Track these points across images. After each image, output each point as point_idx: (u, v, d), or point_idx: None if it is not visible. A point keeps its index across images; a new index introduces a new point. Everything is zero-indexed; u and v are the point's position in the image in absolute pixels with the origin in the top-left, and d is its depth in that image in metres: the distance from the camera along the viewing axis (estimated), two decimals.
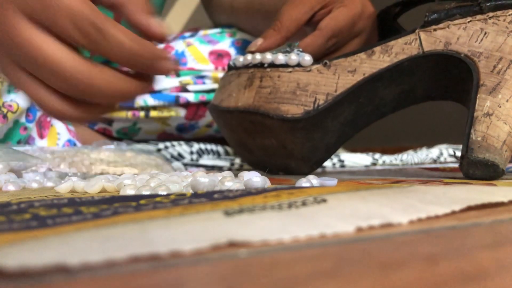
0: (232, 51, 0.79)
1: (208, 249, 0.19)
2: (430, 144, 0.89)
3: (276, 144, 0.52)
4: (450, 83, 0.50)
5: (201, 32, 0.82)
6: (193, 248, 0.19)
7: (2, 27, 0.37)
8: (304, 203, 0.26)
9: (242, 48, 0.79)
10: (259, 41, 0.56)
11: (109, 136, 0.81)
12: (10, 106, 0.62)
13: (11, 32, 0.37)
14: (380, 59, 0.49)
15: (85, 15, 0.37)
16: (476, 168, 0.43)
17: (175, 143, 0.72)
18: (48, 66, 0.37)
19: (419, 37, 0.48)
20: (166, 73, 0.40)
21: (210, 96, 0.77)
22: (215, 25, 0.86)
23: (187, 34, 0.84)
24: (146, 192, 0.35)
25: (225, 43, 0.80)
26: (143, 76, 0.40)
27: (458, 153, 0.46)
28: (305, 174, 0.42)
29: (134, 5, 0.41)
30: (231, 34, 0.82)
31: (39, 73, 0.38)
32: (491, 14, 0.46)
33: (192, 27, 0.87)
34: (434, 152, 0.83)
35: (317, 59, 0.54)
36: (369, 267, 0.17)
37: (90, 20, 0.37)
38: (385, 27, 0.61)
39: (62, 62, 0.37)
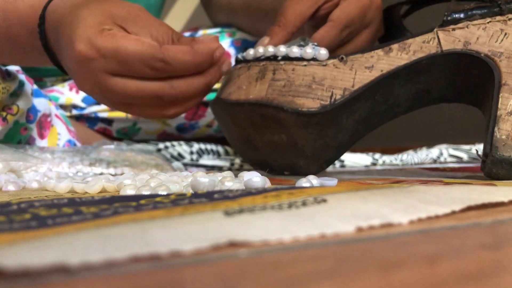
0: (232, 51, 0.79)
1: (208, 249, 0.19)
2: (430, 144, 0.89)
3: (285, 140, 0.52)
4: (467, 84, 0.50)
5: (201, 32, 0.82)
6: (193, 248, 0.19)
7: (98, 83, 0.49)
8: (304, 203, 0.26)
9: (242, 47, 0.79)
10: (265, 40, 0.56)
11: (109, 136, 0.81)
12: (10, 109, 0.62)
13: (103, 85, 0.49)
14: (398, 56, 0.49)
15: (151, 54, 0.48)
16: (500, 167, 0.43)
17: (175, 143, 0.72)
18: (136, 95, 0.49)
19: (438, 36, 0.48)
20: (218, 57, 0.51)
21: (210, 96, 0.77)
22: (215, 25, 0.86)
23: (187, 33, 0.84)
24: (146, 192, 0.35)
25: (225, 43, 0.80)
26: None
27: (480, 152, 0.46)
28: (312, 174, 0.42)
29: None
30: (231, 34, 0.82)
31: (134, 101, 0.50)
32: (510, 15, 0.47)
33: (192, 27, 0.87)
34: (434, 152, 0.83)
35: (330, 52, 0.53)
36: (369, 267, 0.17)
37: (155, 57, 0.48)
38: (389, 25, 0.61)
39: (143, 89, 0.49)
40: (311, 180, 0.37)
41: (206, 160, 0.71)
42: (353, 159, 0.76)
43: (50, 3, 0.53)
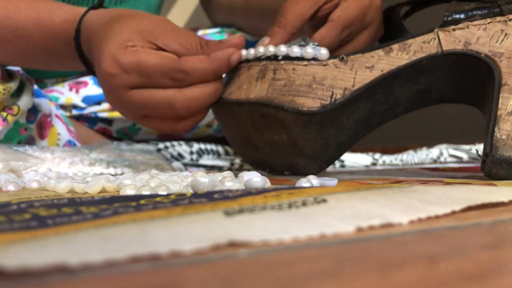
0: None
1: (208, 249, 0.19)
2: (430, 144, 0.89)
3: (286, 140, 0.52)
4: (467, 84, 0.50)
5: (201, 32, 0.82)
6: (193, 248, 0.19)
7: (119, 97, 0.52)
8: (304, 203, 0.26)
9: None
10: (266, 40, 0.56)
11: (109, 136, 0.81)
12: (10, 109, 0.62)
13: (123, 98, 0.52)
14: (398, 56, 0.49)
15: (170, 66, 0.50)
16: (500, 167, 0.43)
17: (175, 143, 0.72)
18: (149, 102, 0.51)
19: (438, 36, 0.48)
20: (236, 62, 0.53)
21: None
22: (214, 25, 0.86)
23: None
24: (146, 192, 0.35)
25: None
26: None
27: (480, 152, 0.46)
28: (312, 174, 0.42)
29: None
30: (231, 34, 0.82)
31: (148, 111, 0.52)
32: (511, 16, 0.47)
33: (192, 27, 0.87)
34: (434, 152, 0.83)
35: (330, 52, 0.53)
36: (369, 267, 0.17)
37: (175, 68, 0.50)
38: (389, 26, 0.61)
39: (155, 96, 0.51)
40: (311, 180, 0.37)
41: (206, 160, 0.71)
42: (353, 159, 0.76)
43: (84, 17, 0.55)
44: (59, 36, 0.57)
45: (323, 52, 0.51)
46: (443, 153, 0.83)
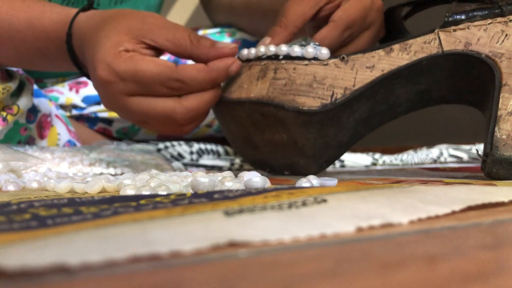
0: None
1: (208, 249, 0.19)
2: (430, 144, 0.89)
3: (286, 140, 0.52)
4: (468, 85, 0.50)
5: (201, 32, 0.82)
6: (193, 248, 0.19)
7: (116, 103, 0.52)
8: (304, 203, 0.26)
9: (242, 47, 0.79)
10: (267, 40, 0.56)
11: (109, 136, 0.81)
12: (10, 109, 0.62)
13: (120, 104, 0.51)
14: (399, 56, 0.49)
15: (168, 76, 0.50)
16: (500, 167, 0.43)
17: (175, 143, 0.72)
18: (149, 113, 0.51)
19: (439, 37, 0.48)
20: (235, 72, 0.52)
21: None
22: (214, 25, 0.86)
23: None
24: (146, 192, 0.35)
25: None
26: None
27: (480, 152, 0.46)
28: (312, 173, 0.42)
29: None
30: (231, 33, 0.82)
31: (148, 119, 0.52)
32: (511, 17, 0.47)
33: (192, 27, 0.87)
34: (434, 152, 0.83)
35: (331, 53, 0.53)
36: (369, 267, 0.17)
37: (172, 77, 0.50)
38: (390, 27, 0.61)
39: (155, 107, 0.51)
40: (311, 180, 0.37)
41: (206, 160, 0.71)
42: (353, 159, 0.76)
43: (75, 19, 0.54)
44: (51, 38, 0.56)
45: (324, 51, 0.51)
46: (443, 153, 0.83)
